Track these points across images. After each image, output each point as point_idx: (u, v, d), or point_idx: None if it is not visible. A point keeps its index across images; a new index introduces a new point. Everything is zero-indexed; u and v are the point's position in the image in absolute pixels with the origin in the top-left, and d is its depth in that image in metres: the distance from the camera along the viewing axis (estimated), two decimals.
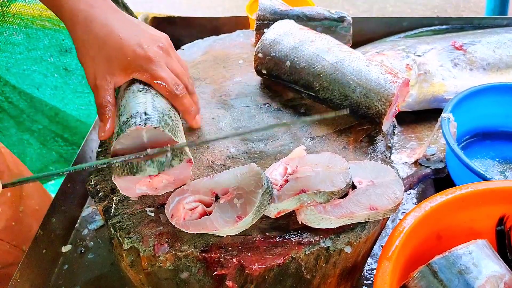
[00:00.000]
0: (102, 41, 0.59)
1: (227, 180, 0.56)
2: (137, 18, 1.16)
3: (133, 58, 0.59)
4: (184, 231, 0.53)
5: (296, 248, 0.54)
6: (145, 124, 0.54)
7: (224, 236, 0.54)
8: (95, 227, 0.79)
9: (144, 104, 0.58)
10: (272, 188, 0.54)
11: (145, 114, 0.56)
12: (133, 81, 0.62)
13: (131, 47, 0.59)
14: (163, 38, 0.64)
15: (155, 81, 0.60)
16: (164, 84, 0.60)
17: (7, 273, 0.75)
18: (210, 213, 0.54)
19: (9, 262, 0.81)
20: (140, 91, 0.60)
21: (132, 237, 0.55)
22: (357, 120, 0.71)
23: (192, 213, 0.54)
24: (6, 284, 0.64)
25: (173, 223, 0.54)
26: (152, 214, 0.57)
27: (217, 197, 0.55)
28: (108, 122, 0.60)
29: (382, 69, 0.70)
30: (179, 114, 0.64)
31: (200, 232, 0.53)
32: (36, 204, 0.87)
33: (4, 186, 0.49)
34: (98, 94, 0.60)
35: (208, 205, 0.55)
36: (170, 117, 0.59)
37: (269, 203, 0.53)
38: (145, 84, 0.62)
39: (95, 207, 0.82)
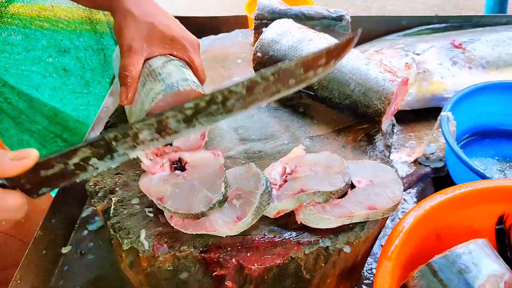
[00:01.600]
0: (151, 13, 0.64)
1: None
2: None
3: (179, 37, 0.65)
4: (184, 231, 0.53)
5: (295, 248, 0.54)
6: (197, 88, 0.60)
7: (224, 236, 0.54)
8: (94, 228, 0.79)
9: (190, 75, 0.63)
10: (271, 189, 0.54)
11: (194, 82, 0.61)
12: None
13: (178, 28, 0.66)
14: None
15: (190, 62, 0.66)
16: (197, 69, 0.66)
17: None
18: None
19: (20, 260, 0.81)
20: (181, 65, 0.65)
21: (131, 238, 0.55)
22: (356, 119, 0.71)
23: None
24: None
25: (172, 224, 0.54)
26: (151, 215, 0.57)
27: None
28: (131, 87, 0.61)
29: (381, 68, 0.70)
30: None
31: (199, 233, 0.53)
32: (42, 204, 0.87)
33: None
34: (129, 56, 0.61)
35: None
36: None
37: (268, 204, 0.53)
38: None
39: (95, 208, 0.82)
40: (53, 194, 0.83)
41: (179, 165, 0.57)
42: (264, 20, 0.86)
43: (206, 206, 0.51)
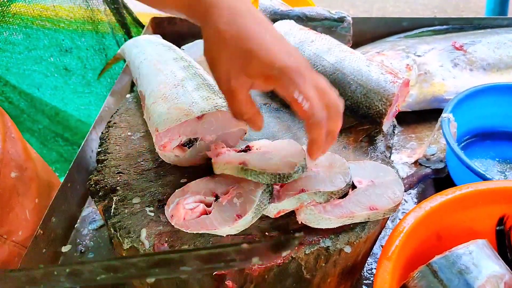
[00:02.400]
0: (246, 38, 0.48)
1: (227, 180, 0.56)
2: (137, 18, 1.16)
3: (284, 67, 0.47)
4: (184, 230, 0.53)
5: (296, 247, 0.54)
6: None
7: (224, 236, 0.54)
8: (95, 226, 0.79)
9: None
10: (272, 187, 0.54)
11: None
12: None
13: (281, 54, 0.48)
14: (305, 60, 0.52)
15: (298, 99, 0.47)
16: (307, 105, 0.47)
17: None
18: (210, 212, 0.54)
19: None
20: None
21: (132, 237, 0.55)
22: (357, 120, 0.71)
23: (193, 212, 0.54)
24: None
25: (172, 223, 0.54)
26: (152, 214, 0.57)
27: (217, 198, 0.55)
28: (258, 120, 0.52)
29: (382, 69, 0.70)
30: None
31: (200, 232, 0.53)
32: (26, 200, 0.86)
33: None
34: (234, 99, 0.50)
35: (208, 205, 0.55)
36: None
37: (269, 203, 0.53)
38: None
39: (95, 207, 0.82)
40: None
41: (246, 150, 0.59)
42: None
43: (291, 168, 0.52)
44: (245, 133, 0.64)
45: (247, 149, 0.59)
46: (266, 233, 0.55)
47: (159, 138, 0.59)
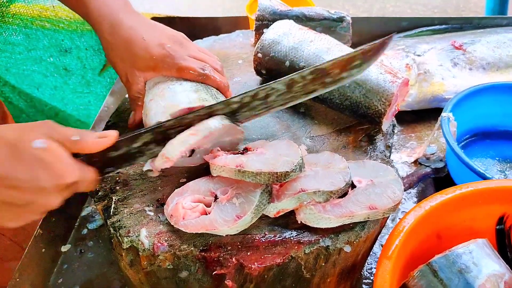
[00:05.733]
0: (128, 44, 0.64)
1: (226, 180, 0.56)
2: None
3: (158, 58, 0.64)
4: (184, 230, 0.53)
5: (296, 247, 0.54)
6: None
7: (224, 235, 0.54)
8: (94, 226, 0.79)
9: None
10: (271, 187, 0.54)
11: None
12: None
13: (155, 47, 0.64)
14: (180, 35, 0.69)
15: (183, 72, 0.64)
16: (192, 71, 0.64)
17: (5, 268, 0.76)
18: (209, 213, 0.54)
19: (9, 257, 0.81)
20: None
21: (131, 237, 0.55)
22: (357, 120, 0.71)
23: (192, 212, 0.54)
24: (2, 277, 0.64)
25: (172, 223, 0.54)
26: (152, 213, 0.57)
27: (216, 197, 0.55)
28: (139, 110, 0.66)
29: (381, 69, 0.70)
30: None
31: (199, 232, 0.53)
32: None
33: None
34: (130, 88, 0.66)
35: (208, 205, 0.55)
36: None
37: (268, 203, 0.53)
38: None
39: (95, 207, 0.82)
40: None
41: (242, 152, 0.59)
42: (265, 21, 0.86)
43: (289, 167, 0.52)
44: (241, 141, 0.64)
45: (245, 151, 0.59)
46: (266, 232, 0.55)
47: None
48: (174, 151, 0.55)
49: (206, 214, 0.54)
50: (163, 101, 0.61)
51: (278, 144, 0.59)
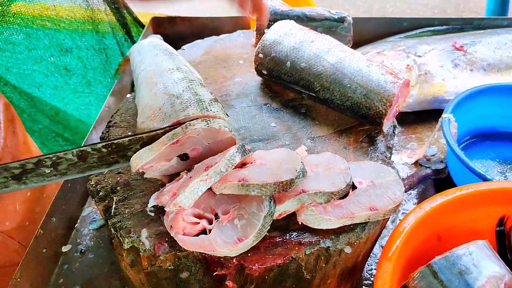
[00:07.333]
0: None
1: (228, 198, 0.55)
2: (137, 18, 1.16)
3: None
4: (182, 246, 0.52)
5: (296, 248, 0.54)
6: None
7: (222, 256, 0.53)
8: (95, 226, 0.79)
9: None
10: (275, 208, 0.53)
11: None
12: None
13: None
14: None
15: None
16: None
17: (12, 272, 0.76)
18: (210, 231, 0.52)
19: (15, 261, 0.81)
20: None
21: (132, 237, 0.55)
22: (358, 121, 0.71)
23: (191, 228, 0.53)
24: (8, 282, 0.65)
25: (172, 234, 0.53)
26: (153, 214, 0.57)
27: (216, 215, 0.54)
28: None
29: (382, 70, 0.70)
30: None
31: (198, 251, 0.52)
32: (43, 207, 0.87)
33: None
34: None
35: (209, 220, 0.54)
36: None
37: (269, 225, 0.52)
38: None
39: (96, 207, 0.82)
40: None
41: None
42: None
43: (292, 174, 0.52)
44: (235, 143, 0.61)
45: (243, 165, 0.57)
46: (267, 233, 0.55)
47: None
48: (188, 200, 0.52)
49: (206, 230, 0.52)
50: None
51: (276, 153, 0.58)
